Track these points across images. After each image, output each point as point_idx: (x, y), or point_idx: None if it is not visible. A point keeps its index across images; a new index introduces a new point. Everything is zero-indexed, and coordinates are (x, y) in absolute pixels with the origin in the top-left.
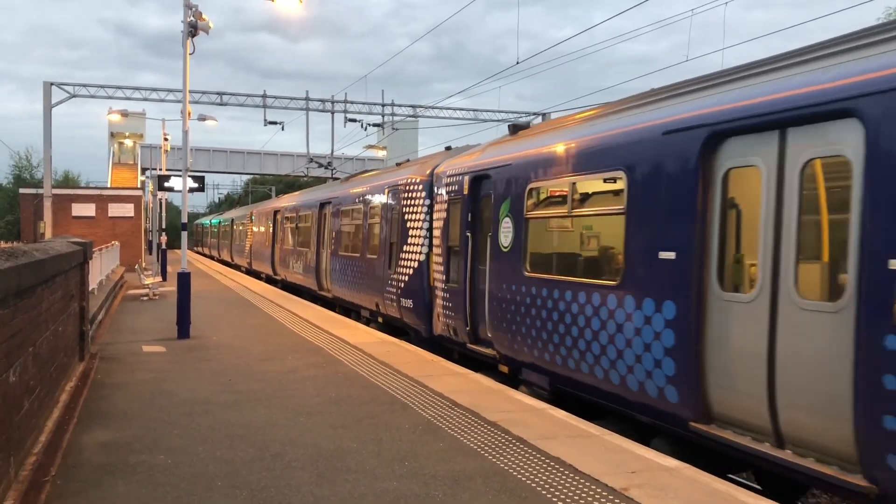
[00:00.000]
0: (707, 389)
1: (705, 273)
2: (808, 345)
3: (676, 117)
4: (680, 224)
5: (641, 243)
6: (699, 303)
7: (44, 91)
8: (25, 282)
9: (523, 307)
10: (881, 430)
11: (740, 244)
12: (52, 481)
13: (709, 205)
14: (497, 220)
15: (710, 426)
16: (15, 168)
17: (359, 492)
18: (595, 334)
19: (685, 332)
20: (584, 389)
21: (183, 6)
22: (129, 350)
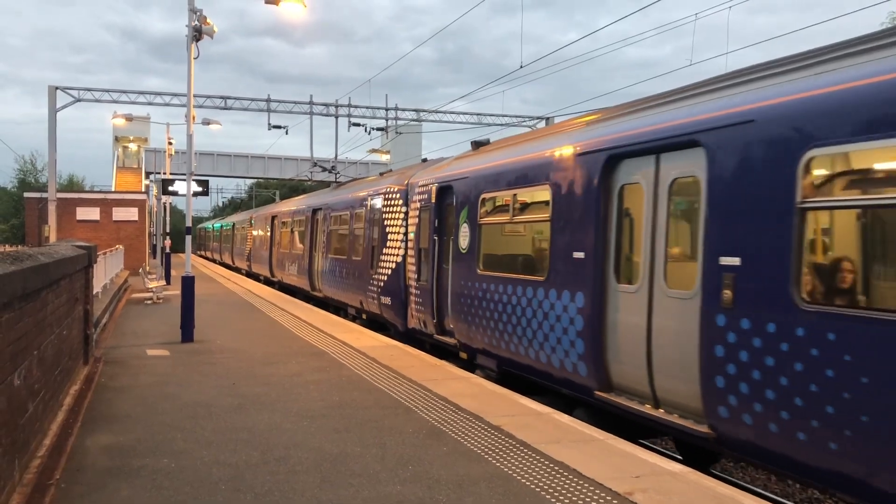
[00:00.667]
0: (608, 364)
1: (606, 269)
2: (672, 325)
3: (586, 142)
4: (588, 230)
5: (561, 245)
6: (601, 294)
7: (49, 95)
8: (30, 285)
9: (477, 301)
10: (715, 388)
11: (632, 246)
12: (56, 484)
13: (608, 214)
14: (457, 225)
15: (610, 394)
16: (20, 172)
17: (362, 496)
18: (529, 322)
19: (591, 317)
20: (522, 369)
21: (188, 11)
22: (133, 354)
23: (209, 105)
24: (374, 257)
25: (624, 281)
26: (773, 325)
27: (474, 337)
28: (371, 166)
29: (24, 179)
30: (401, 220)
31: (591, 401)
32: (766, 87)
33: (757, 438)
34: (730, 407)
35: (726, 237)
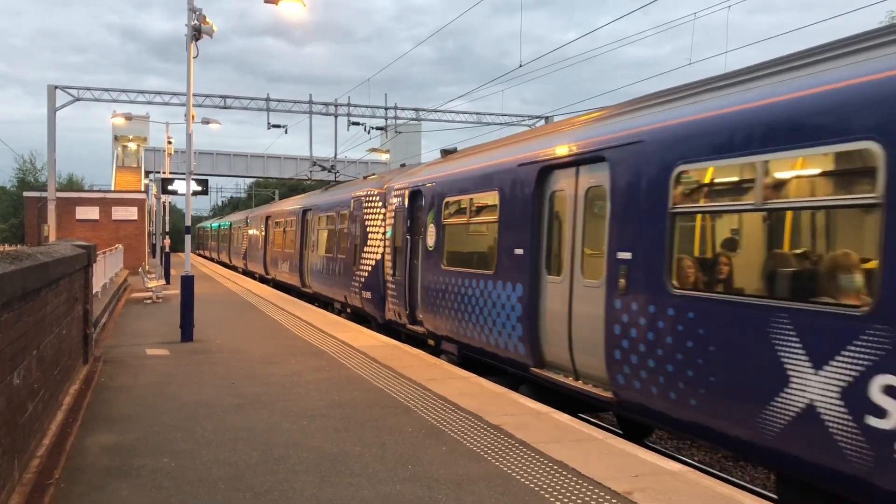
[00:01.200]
0: (541, 344)
1: (539, 263)
2: (586, 309)
3: (525, 155)
4: (526, 229)
5: (506, 243)
6: (536, 284)
7: (48, 94)
8: (30, 285)
9: (441, 293)
10: (614, 360)
11: (559, 243)
12: (55, 484)
13: (542, 216)
14: (426, 225)
15: (543, 370)
16: (19, 171)
17: (362, 495)
18: (481, 310)
19: (528, 305)
20: (478, 352)
21: (187, 10)
22: (132, 353)
23: (209, 104)
24: (356, 255)
25: (553, 273)
26: (653, 306)
27: (439, 325)
28: (370, 165)
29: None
30: (380, 221)
31: (528, 376)
32: (653, 114)
33: (644, 400)
34: (625, 375)
35: (622, 236)
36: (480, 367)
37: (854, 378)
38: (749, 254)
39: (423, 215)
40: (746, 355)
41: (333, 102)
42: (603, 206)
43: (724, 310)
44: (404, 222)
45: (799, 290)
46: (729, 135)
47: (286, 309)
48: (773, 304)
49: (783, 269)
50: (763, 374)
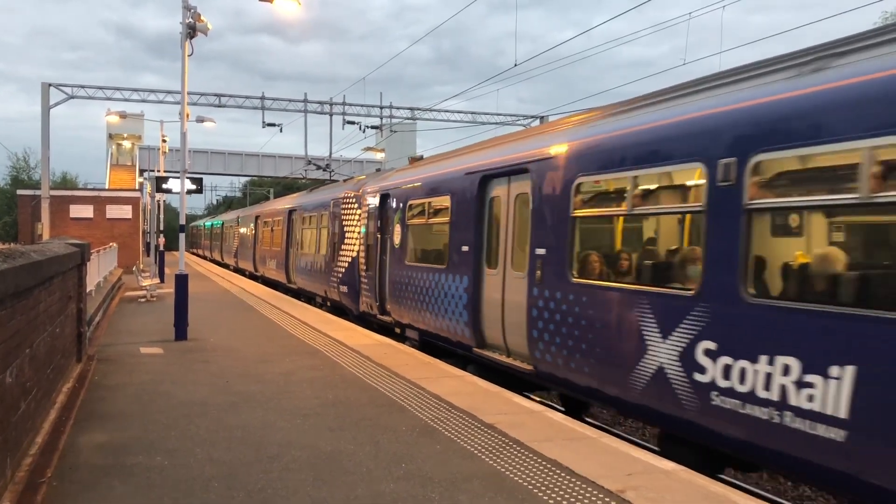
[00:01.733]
0: (482, 328)
1: (481, 258)
2: (515, 297)
3: (471, 165)
4: (471, 229)
5: (455, 241)
6: (479, 276)
7: (42, 92)
8: (23, 283)
9: (405, 286)
10: (532, 338)
11: (498, 241)
12: (48, 483)
13: (483, 218)
14: (393, 225)
15: (484, 350)
16: (13, 169)
17: (356, 494)
18: (436, 300)
19: (472, 294)
20: (435, 337)
21: (182, 8)
22: (126, 352)
23: (203, 102)
24: (335, 253)
25: (491, 267)
26: (559, 293)
27: (404, 315)
28: (365, 164)
29: (18, 177)
30: (356, 221)
31: (473, 356)
32: (564, 134)
33: (553, 370)
34: (539, 350)
35: (539, 234)
36: (438, 351)
37: (687, 344)
38: (624, 249)
39: (391, 216)
40: (621, 330)
41: (328, 101)
42: (527, 210)
43: (606, 294)
44: (375, 222)
45: (654, 277)
46: (610, 154)
47: (280, 307)
48: (637, 288)
49: (645, 262)
50: (631, 345)
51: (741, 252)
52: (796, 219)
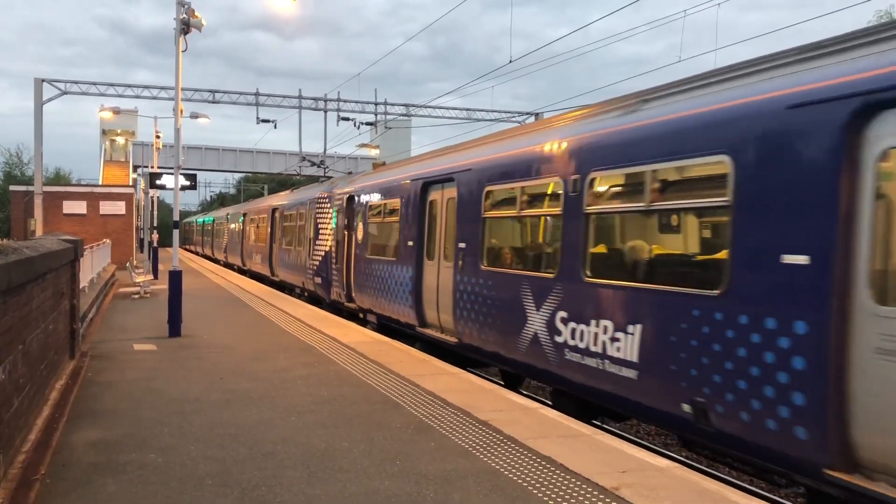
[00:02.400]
0: (423, 310)
1: (422, 251)
2: (446, 283)
3: (416, 172)
4: (415, 227)
5: (403, 237)
6: (420, 266)
7: (35, 88)
8: (15, 279)
9: (366, 276)
10: (456, 315)
11: (434, 237)
12: (41, 480)
13: (424, 217)
14: (357, 223)
15: (424, 329)
16: (5, 165)
17: (350, 491)
18: (389, 288)
19: (415, 282)
20: (389, 320)
21: (176, 4)
22: (120, 348)
23: (197, 98)
24: (311, 248)
25: (430, 259)
26: (474, 278)
27: (365, 301)
28: (360, 161)
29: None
30: (328, 220)
31: (416, 334)
32: (479, 149)
33: (471, 340)
34: (460, 325)
35: (462, 231)
36: (392, 332)
37: (550, 314)
38: (514, 243)
39: (356, 215)
40: (511, 306)
41: (323, 98)
42: (468, 211)
43: (503, 278)
44: (343, 221)
45: (531, 264)
46: (506, 168)
47: (274, 304)
48: (521, 273)
49: (526, 252)
50: (518, 316)
51: (581, 245)
52: (613, 220)
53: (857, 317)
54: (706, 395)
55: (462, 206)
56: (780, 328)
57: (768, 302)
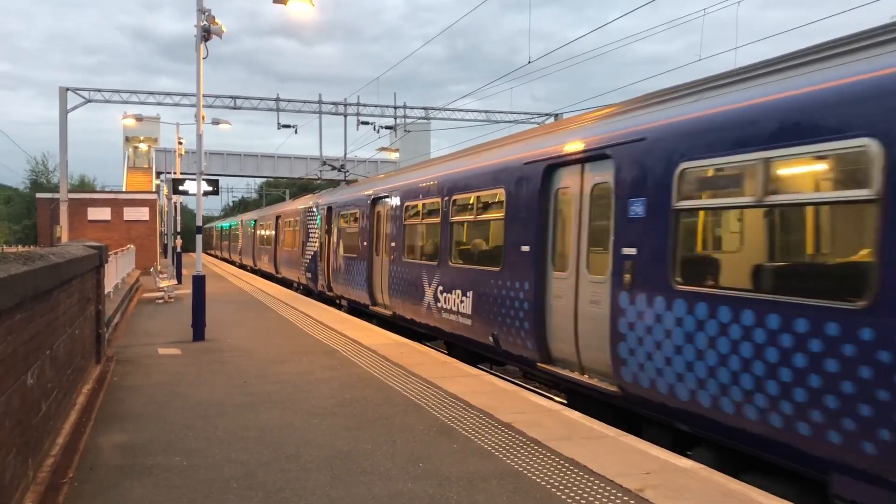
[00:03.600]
0: (374, 293)
1: (373, 250)
2: (384, 272)
3: (373, 189)
4: (370, 232)
5: (363, 239)
6: (371, 261)
7: (59, 96)
8: (42, 285)
9: (341, 270)
10: (390, 294)
11: (379, 240)
12: (69, 483)
13: (374, 224)
14: (333, 229)
15: (374, 307)
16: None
17: (373, 493)
18: (354, 278)
19: (368, 273)
20: (354, 303)
21: (196, 11)
22: (144, 353)
23: (219, 105)
24: (304, 249)
25: (377, 255)
26: (399, 268)
27: (339, 289)
28: (380, 164)
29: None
30: (315, 226)
31: (370, 312)
32: (425, 172)
33: (400, 311)
34: (393, 301)
35: (393, 234)
36: (356, 312)
37: (437, 287)
38: (419, 243)
39: (333, 222)
40: (417, 285)
41: (343, 102)
42: (396, 220)
43: (414, 267)
44: (325, 227)
45: (427, 255)
46: (458, 183)
47: (296, 307)
48: (422, 263)
49: (424, 248)
50: (421, 291)
51: (445, 239)
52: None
53: (547, 278)
54: (497, 331)
55: (390, 215)
56: (520, 287)
57: (522, 271)
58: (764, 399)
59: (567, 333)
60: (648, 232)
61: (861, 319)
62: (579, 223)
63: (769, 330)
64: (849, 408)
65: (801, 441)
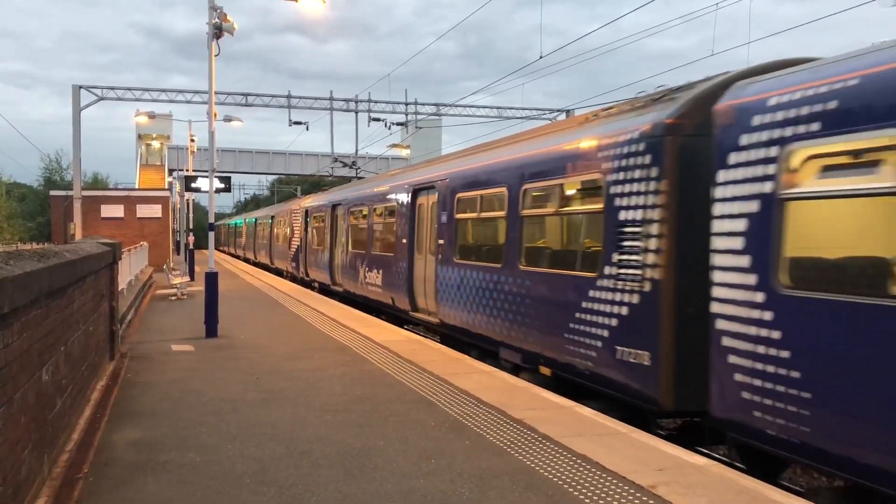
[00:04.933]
0: (333, 274)
1: (334, 243)
2: (337, 259)
3: (333, 198)
4: (328, 231)
5: (322, 236)
6: (333, 252)
7: (73, 94)
8: (57, 282)
9: (312, 259)
10: (341, 274)
11: (336, 237)
12: (84, 478)
13: (333, 226)
14: (309, 226)
15: (335, 286)
16: (45, 170)
17: (385, 489)
18: (319, 264)
19: (329, 259)
20: (323, 284)
21: (208, 8)
22: (158, 349)
23: (231, 102)
24: (290, 244)
25: (335, 246)
26: (347, 258)
27: (313, 274)
28: (391, 161)
29: (50, 178)
30: (299, 224)
31: (332, 289)
32: (354, 186)
33: (346, 287)
34: (339, 277)
35: (344, 232)
36: (326, 292)
37: (364, 268)
38: (358, 237)
39: (309, 222)
40: (355, 267)
41: (354, 99)
42: (342, 223)
43: (356, 255)
44: (303, 225)
45: (362, 246)
46: (375, 198)
47: (308, 304)
48: (359, 252)
49: (361, 241)
50: (357, 271)
51: (367, 235)
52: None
53: (414, 259)
54: (393, 295)
55: (325, 220)
56: (402, 265)
57: (403, 255)
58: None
59: (422, 292)
60: (447, 230)
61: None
62: (428, 225)
63: (483, 278)
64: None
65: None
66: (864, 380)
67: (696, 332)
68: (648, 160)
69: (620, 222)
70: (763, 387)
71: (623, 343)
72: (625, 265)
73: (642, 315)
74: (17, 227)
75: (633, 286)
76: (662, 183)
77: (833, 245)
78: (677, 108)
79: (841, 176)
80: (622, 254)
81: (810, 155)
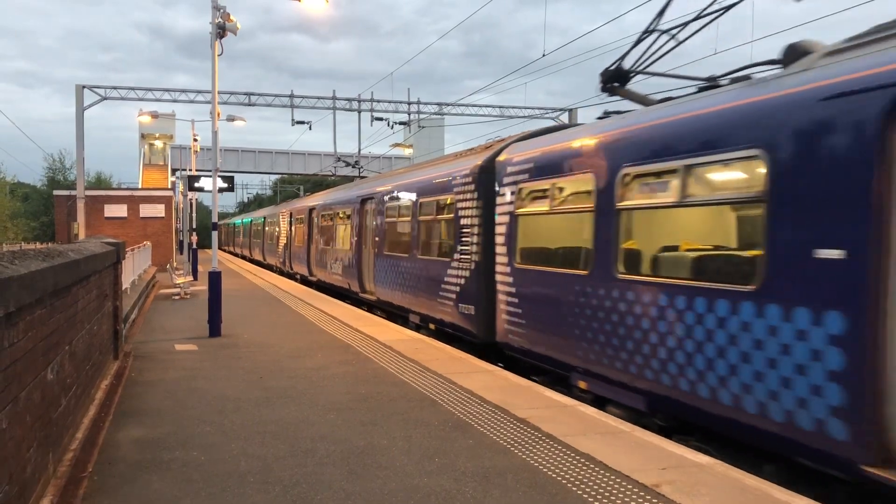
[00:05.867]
0: (312, 268)
1: (311, 241)
2: (315, 254)
3: (304, 204)
4: (306, 232)
5: (301, 236)
6: (309, 247)
7: (76, 94)
8: (61, 282)
9: (294, 255)
10: (317, 267)
11: (309, 234)
12: (89, 477)
13: (311, 227)
14: (293, 227)
15: (312, 276)
16: (49, 170)
17: (389, 488)
18: (300, 258)
19: (307, 253)
20: (325, 285)
21: (211, 8)
22: (161, 348)
23: (234, 101)
24: (277, 241)
25: (310, 243)
26: (319, 253)
27: (295, 268)
28: (394, 160)
29: (54, 178)
30: (286, 225)
31: (311, 280)
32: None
33: (319, 277)
34: (317, 270)
35: (319, 231)
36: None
37: (332, 260)
38: (335, 236)
39: (291, 223)
40: (333, 259)
41: (357, 98)
42: (315, 224)
43: (328, 251)
44: (287, 226)
45: (330, 242)
46: (332, 204)
47: (311, 303)
48: (341, 248)
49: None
50: (330, 262)
51: (332, 234)
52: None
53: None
54: (349, 281)
55: (314, 222)
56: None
57: (356, 250)
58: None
59: (368, 278)
60: (378, 230)
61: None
62: (371, 225)
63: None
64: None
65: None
66: (540, 310)
67: (491, 293)
68: (472, 188)
69: (461, 225)
70: (511, 319)
71: (462, 301)
72: (463, 252)
73: (470, 284)
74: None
75: (467, 266)
76: (477, 202)
77: (535, 240)
78: (486, 158)
79: (536, 202)
80: (462, 245)
81: (527, 189)
